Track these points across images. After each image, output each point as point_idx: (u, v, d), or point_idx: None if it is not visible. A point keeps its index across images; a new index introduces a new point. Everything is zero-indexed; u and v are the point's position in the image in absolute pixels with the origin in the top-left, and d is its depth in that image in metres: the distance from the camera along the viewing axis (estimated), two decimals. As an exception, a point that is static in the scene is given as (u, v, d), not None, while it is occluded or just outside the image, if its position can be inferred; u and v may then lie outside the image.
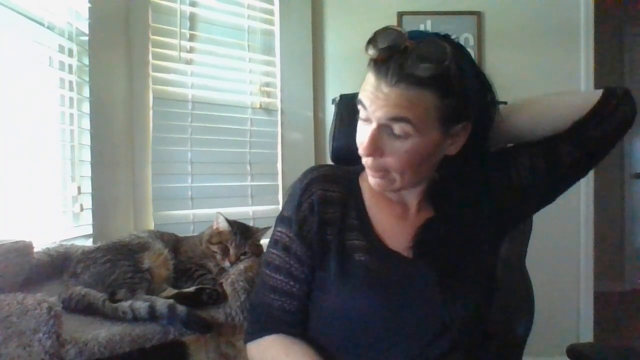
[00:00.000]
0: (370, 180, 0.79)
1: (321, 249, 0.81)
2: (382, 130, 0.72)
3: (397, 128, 0.71)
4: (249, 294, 1.08)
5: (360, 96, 0.74)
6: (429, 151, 0.75)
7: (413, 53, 0.69)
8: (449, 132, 0.75)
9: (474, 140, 0.78)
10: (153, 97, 1.70)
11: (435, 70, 0.68)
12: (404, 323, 0.77)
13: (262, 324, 0.84)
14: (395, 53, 0.69)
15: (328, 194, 0.83)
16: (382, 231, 0.83)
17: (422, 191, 0.84)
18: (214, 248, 1.27)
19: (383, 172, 0.76)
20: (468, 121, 0.76)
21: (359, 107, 0.74)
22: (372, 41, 0.71)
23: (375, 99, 0.71)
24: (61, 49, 1.39)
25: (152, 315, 0.97)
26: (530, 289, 1.11)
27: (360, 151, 0.75)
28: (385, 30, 0.71)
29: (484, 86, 0.78)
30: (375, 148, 0.73)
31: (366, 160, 0.77)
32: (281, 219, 0.87)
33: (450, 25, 2.39)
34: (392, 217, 0.84)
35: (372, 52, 0.71)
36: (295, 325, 0.83)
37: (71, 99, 1.42)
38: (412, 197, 0.84)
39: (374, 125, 0.72)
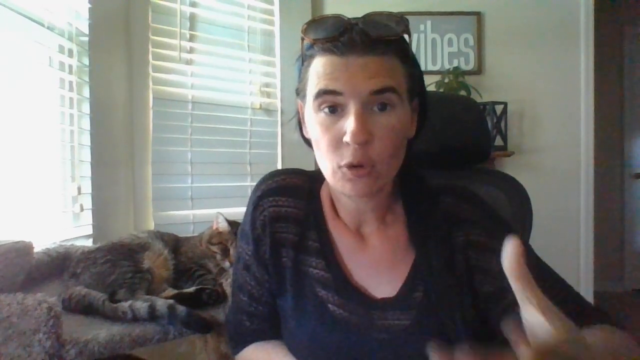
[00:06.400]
0: (348, 187, 0.64)
1: (277, 273, 0.74)
2: (364, 110, 0.61)
3: (383, 99, 0.61)
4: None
5: (324, 85, 0.61)
6: (406, 127, 0.66)
7: (371, 20, 0.62)
8: (411, 106, 0.67)
9: (419, 127, 0.72)
10: (153, 98, 1.71)
11: (397, 33, 0.63)
12: None
13: (238, 339, 0.82)
14: (349, 26, 0.62)
15: (282, 210, 0.74)
16: (344, 259, 0.72)
17: (381, 208, 0.73)
18: (214, 248, 1.27)
19: (370, 166, 0.62)
20: (419, 98, 0.70)
21: (319, 100, 0.63)
22: (312, 26, 0.63)
23: (351, 77, 0.60)
24: (61, 49, 1.39)
25: (152, 315, 0.97)
26: (530, 289, 1.10)
27: (350, 139, 0.60)
28: (320, 17, 0.64)
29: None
30: (368, 131, 0.61)
31: (354, 154, 0.61)
32: (241, 232, 0.79)
33: (450, 25, 2.40)
34: (351, 241, 0.73)
35: (321, 33, 0.62)
36: (270, 338, 0.79)
37: (71, 99, 1.42)
38: (370, 214, 0.73)
39: (355, 106, 0.60)
